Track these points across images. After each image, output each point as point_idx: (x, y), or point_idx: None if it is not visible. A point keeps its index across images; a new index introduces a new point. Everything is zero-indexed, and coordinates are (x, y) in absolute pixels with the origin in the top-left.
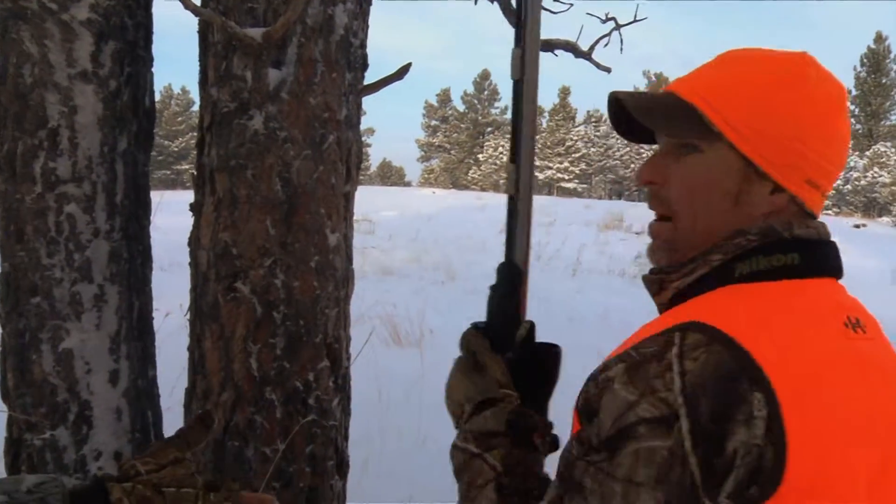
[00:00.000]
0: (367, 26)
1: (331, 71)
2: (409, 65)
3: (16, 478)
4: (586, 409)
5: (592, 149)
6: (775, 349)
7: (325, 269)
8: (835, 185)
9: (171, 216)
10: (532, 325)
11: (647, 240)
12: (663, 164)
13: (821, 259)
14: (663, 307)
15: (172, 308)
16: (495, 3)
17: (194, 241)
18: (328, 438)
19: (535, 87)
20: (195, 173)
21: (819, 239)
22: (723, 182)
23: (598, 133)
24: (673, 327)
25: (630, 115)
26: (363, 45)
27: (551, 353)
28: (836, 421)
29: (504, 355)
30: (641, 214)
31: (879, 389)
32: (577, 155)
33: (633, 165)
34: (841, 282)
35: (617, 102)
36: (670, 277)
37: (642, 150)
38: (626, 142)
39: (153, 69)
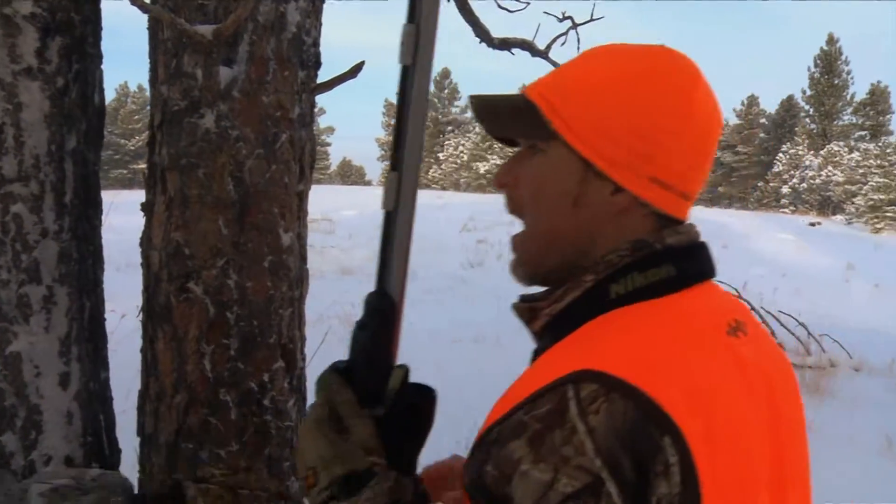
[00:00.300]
0: (320, 24)
1: (283, 69)
2: (362, 63)
3: (81, 469)
4: (486, 493)
5: None
6: (672, 385)
7: (278, 268)
8: (791, 183)
9: (127, 216)
10: (406, 372)
11: None
12: (516, 166)
13: (696, 265)
14: (538, 335)
15: (128, 309)
16: (450, 1)
17: (146, 241)
18: (284, 439)
19: (428, 77)
20: (146, 172)
21: (690, 244)
22: (562, 183)
23: None
24: (563, 380)
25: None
26: (316, 44)
27: (427, 401)
28: (740, 452)
29: (372, 410)
30: None
31: (762, 401)
32: None
33: None
34: (798, 279)
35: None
36: (540, 305)
37: None
38: None
39: (103, 66)
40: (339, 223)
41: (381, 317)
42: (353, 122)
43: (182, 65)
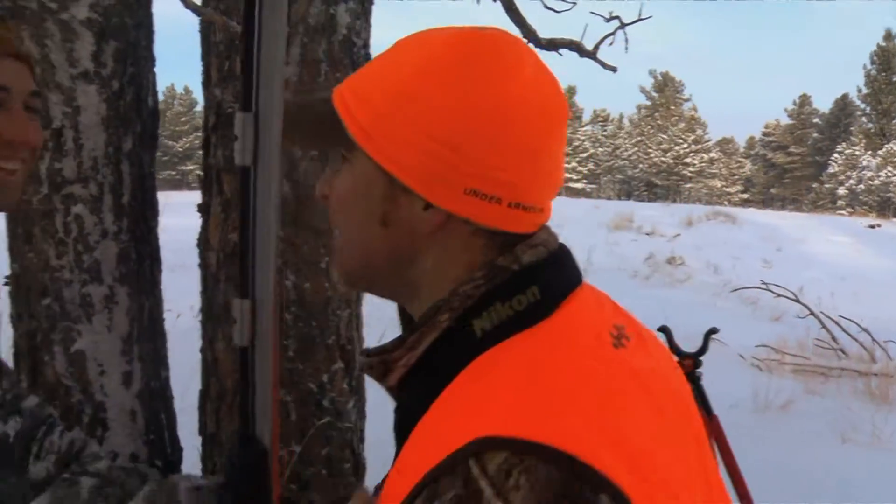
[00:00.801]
0: (370, 25)
1: (335, 70)
2: None
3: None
4: None
5: (600, 148)
6: (591, 434)
7: None
8: (847, 184)
9: (178, 217)
10: None
11: (657, 240)
12: (330, 176)
13: (561, 279)
14: (395, 391)
15: (182, 309)
16: (497, 2)
17: (203, 243)
18: (344, 441)
19: (277, 179)
20: (202, 174)
21: (550, 255)
22: (367, 199)
23: (605, 133)
24: (460, 453)
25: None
26: (366, 45)
27: None
28: (672, 488)
29: None
30: (651, 215)
31: (672, 413)
32: (584, 155)
33: (640, 165)
34: (857, 283)
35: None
36: (393, 356)
37: (650, 151)
38: (634, 142)
39: (155, 69)
40: None
41: (251, 473)
42: None
43: (234, 67)
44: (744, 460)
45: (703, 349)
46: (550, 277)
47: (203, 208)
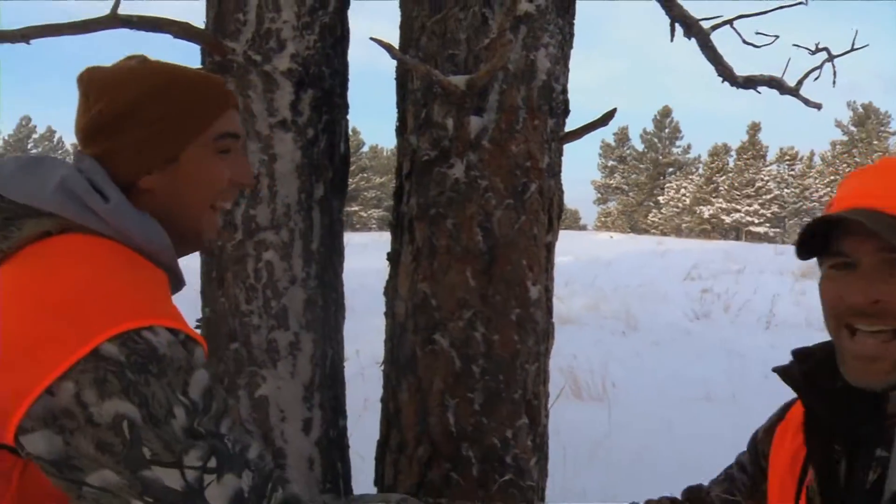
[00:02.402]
0: (568, 70)
1: (533, 118)
2: (614, 111)
3: (384, 495)
4: None
5: (786, 189)
6: None
7: (525, 322)
8: None
9: (346, 260)
10: None
11: None
12: (882, 281)
13: None
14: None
15: (348, 354)
16: (692, 39)
17: (391, 291)
18: (526, 499)
19: None
20: (392, 221)
21: None
22: None
23: (792, 172)
24: None
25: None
26: (565, 90)
27: None
28: None
29: None
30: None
31: None
32: (768, 196)
33: None
34: None
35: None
36: None
37: None
38: (825, 182)
39: (348, 116)
40: (555, 269)
41: None
42: (568, 164)
43: (432, 114)
44: None
45: None
46: None
47: (393, 256)
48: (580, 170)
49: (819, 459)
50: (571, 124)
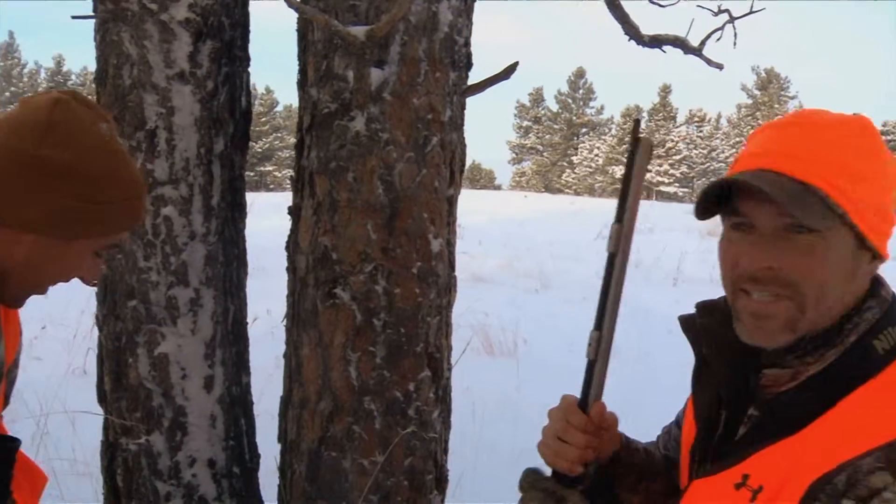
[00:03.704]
0: (471, 23)
1: (435, 70)
2: (516, 64)
3: None
4: None
5: (695, 150)
6: None
7: (427, 275)
8: None
9: (256, 219)
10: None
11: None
12: (776, 247)
13: None
14: (788, 393)
15: (259, 313)
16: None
17: (293, 245)
18: (428, 452)
19: (626, 259)
20: (294, 176)
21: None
22: (843, 262)
23: (700, 134)
24: None
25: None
26: (467, 43)
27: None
28: None
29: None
30: None
31: None
32: (677, 157)
33: None
34: None
35: (729, 187)
36: (807, 369)
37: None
38: (731, 143)
39: (249, 69)
40: (469, 228)
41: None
42: (483, 124)
43: (333, 67)
44: None
45: None
46: None
47: (294, 211)
48: (495, 130)
49: (703, 413)
50: (510, 87)
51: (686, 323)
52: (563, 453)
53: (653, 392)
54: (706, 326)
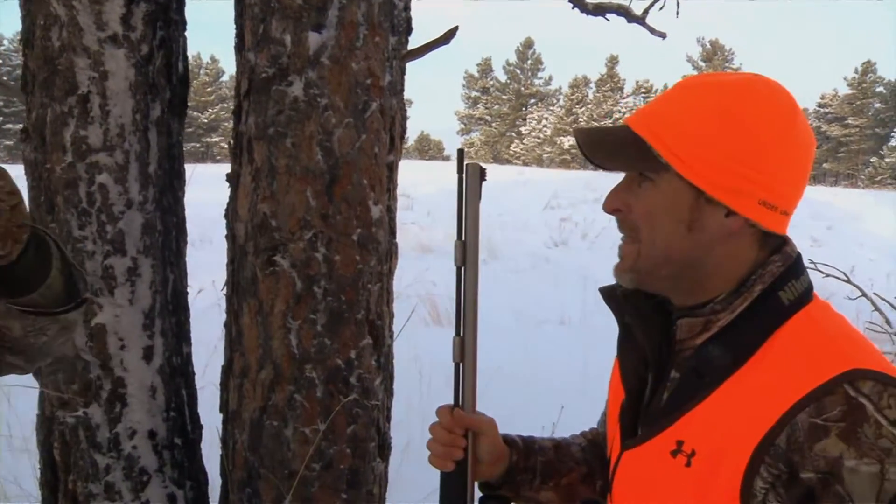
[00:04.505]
0: None
1: (374, 34)
2: (456, 28)
3: None
4: (803, 497)
5: None
6: (891, 369)
7: (367, 242)
8: None
9: (202, 190)
10: None
11: None
12: (624, 193)
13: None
14: (702, 343)
15: (205, 284)
16: None
17: (231, 213)
18: (370, 419)
19: (476, 270)
20: (232, 142)
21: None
22: (676, 211)
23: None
24: (832, 382)
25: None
26: (407, 8)
27: None
28: None
29: None
30: None
31: None
32: None
33: None
34: None
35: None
36: (718, 317)
37: None
38: None
39: (186, 33)
40: (418, 199)
41: None
42: (432, 95)
43: (270, 30)
44: None
45: None
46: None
47: (232, 177)
48: (444, 101)
49: (629, 379)
50: (459, 58)
51: (607, 293)
52: (431, 449)
53: (595, 355)
54: (626, 294)
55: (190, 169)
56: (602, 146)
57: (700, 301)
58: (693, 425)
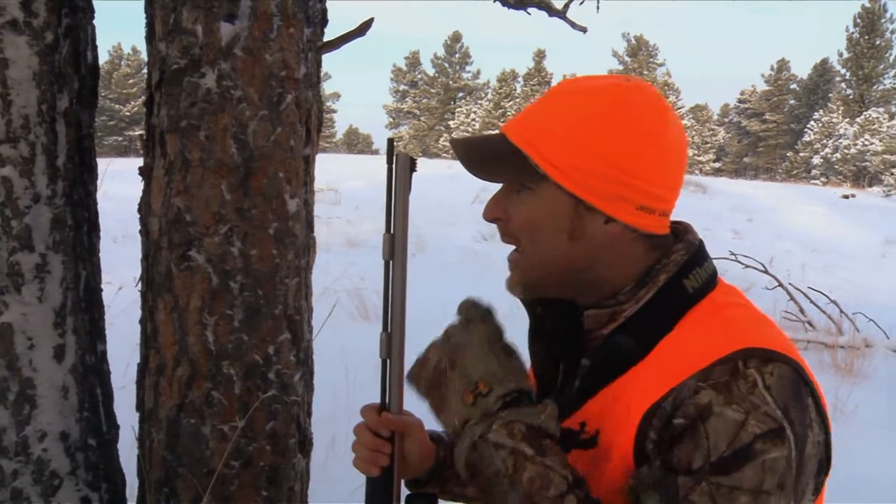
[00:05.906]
0: None
1: (288, 26)
2: (371, 20)
3: None
4: (667, 447)
5: None
6: (790, 351)
7: (284, 236)
8: (823, 153)
9: (123, 184)
10: None
11: None
12: (505, 202)
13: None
14: (608, 335)
15: (126, 281)
16: None
17: (144, 208)
18: (290, 415)
19: (404, 265)
20: (144, 135)
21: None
22: (556, 219)
23: None
24: (730, 357)
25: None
26: None
27: None
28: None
29: None
30: None
31: None
32: None
33: None
34: (830, 255)
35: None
36: (622, 308)
37: None
38: None
39: (95, 21)
40: (346, 193)
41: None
42: (360, 89)
43: (181, 20)
44: None
45: None
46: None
47: (145, 171)
48: (372, 94)
49: (540, 370)
50: (386, 51)
51: None
52: (357, 452)
53: (525, 349)
54: None
55: (107, 164)
56: (480, 157)
57: (604, 297)
58: (596, 406)
